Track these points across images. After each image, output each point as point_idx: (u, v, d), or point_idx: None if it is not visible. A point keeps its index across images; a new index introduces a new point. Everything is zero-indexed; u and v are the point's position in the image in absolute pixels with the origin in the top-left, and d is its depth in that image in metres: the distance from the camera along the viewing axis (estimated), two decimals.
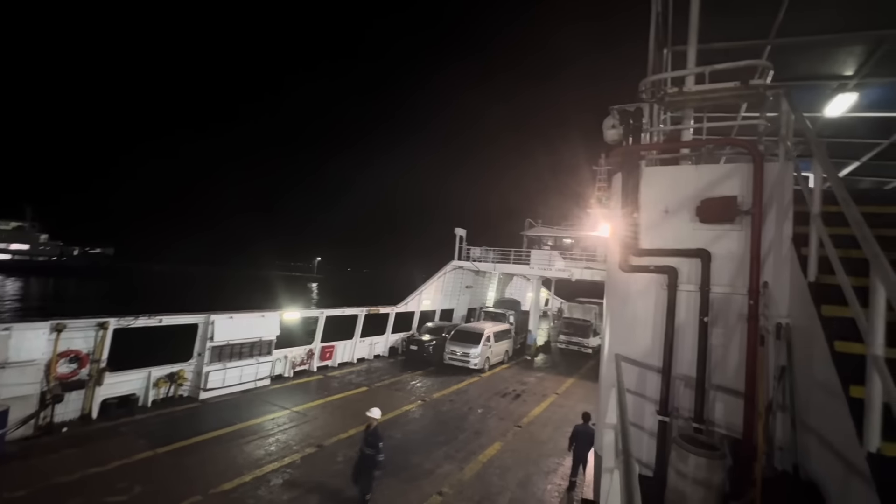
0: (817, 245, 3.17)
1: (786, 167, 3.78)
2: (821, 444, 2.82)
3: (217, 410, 11.87)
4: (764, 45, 6.35)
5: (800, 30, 6.00)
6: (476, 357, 18.88)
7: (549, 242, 28.82)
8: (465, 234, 25.24)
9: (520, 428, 12.68)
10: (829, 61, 6.70)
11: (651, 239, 4.18)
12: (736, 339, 3.76)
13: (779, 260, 3.70)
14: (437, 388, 16.12)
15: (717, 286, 3.86)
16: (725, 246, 3.87)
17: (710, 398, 3.82)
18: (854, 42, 6.10)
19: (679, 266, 4.00)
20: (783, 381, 3.40)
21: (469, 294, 28.01)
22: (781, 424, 3.37)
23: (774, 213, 3.75)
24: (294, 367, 15.97)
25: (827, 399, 2.76)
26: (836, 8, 5.52)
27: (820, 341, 2.90)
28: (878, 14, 5.50)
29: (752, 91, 4.09)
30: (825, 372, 2.79)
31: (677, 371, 3.95)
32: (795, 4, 5.47)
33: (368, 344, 19.85)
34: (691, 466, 3.22)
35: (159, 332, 12.12)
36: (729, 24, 5.96)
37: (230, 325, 13.24)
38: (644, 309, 4.17)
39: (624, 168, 4.32)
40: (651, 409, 4.03)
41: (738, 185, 3.88)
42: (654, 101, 4.48)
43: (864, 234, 2.40)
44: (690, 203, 4.03)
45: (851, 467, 2.36)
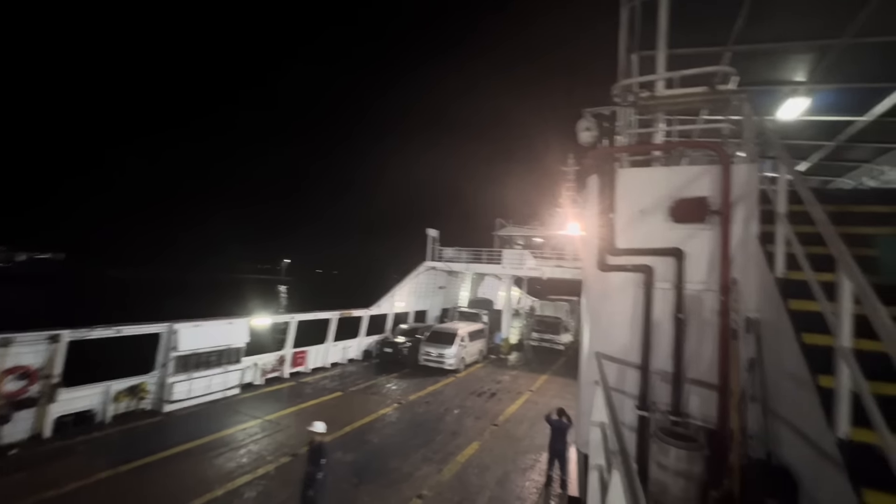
0: (784, 242, 3.34)
1: (751, 168, 3.97)
2: (792, 432, 2.97)
3: (183, 423, 11.34)
4: (724, 52, 6.67)
5: (756, 38, 6.35)
6: (451, 357, 18.89)
7: (520, 242, 29.24)
8: (437, 234, 25.24)
9: (496, 426, 12.77)
10: (783, 67, 7.11)
11: (627, 239, 4.29)
12: (709, 334, 3.92)
13: (747, 257, 3.88)
14: (413, 390, 16.02)
15: (690, 283, 4.01)
16: (697, 244, 4.03)
17: (686, 391, 3.96)
18: (805, 50, 6.51)
19: (654, 264, 4.13)
20: (753, 373, 3.57)
21: (442, 294, 28.03)
22: (753, 414, 3.53)
23: (742, 213, 3.94)
24: (265, 375, 15.48)
25: (796, 389, 2.91)
26: (788, 19, 5.87)
27: (788, 334, 3.06)
28: (824, 24, 5.88)
29: (719, 96, 4.28)
30: (794, 363, 2.94)
31: (655, 366, 4.08)
32: (752, 15, 5.78)
33: (342, 348, 19.50)
34: (672, 459, 3.33)
35: (119, 343, 11.47)
36: (693, 32, 6.23)
37: (196, 334, 12.68)
38: (622, 307, 4.28)
39: (599, 170, 4.42)
40: (631, 404, 4.14)
41: (708, 185, 4.04)
42: (628, 105, 4.61)
43: (829, 233, 2.54)
44: (664, 203, 4.17)
45: (822, 453, 2.50)
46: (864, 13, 5.53)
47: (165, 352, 12.16)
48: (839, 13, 5.65)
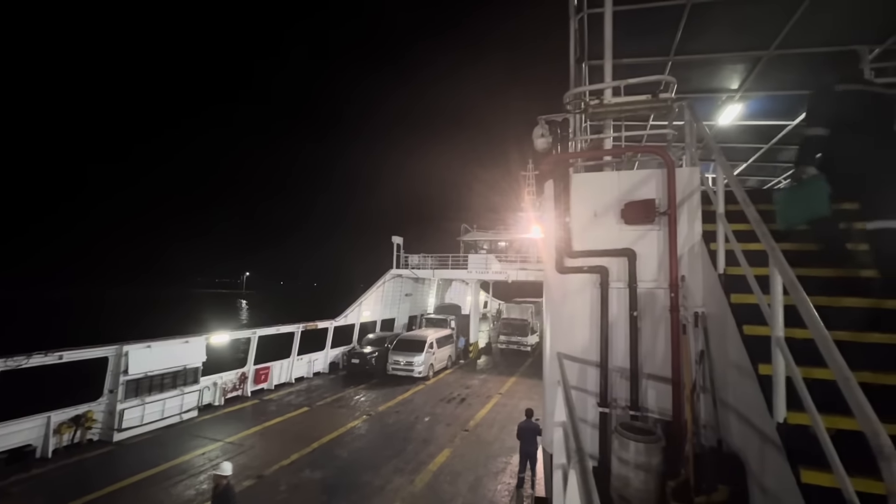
0: (724, 240, 3.56)
1: (693, 171, 4.22)
2: (738, 419, 3.16)
3: (136, 452, 10.65)
4: (666, 62, 7.07)
5: (694, 49, 6.78)
6: (420, 365, 18.79)
7: (485, 246, 29.57)
8: (402, 241, 25.12)
9: (467, 432, 12.79)
10: (719, 76, 7.62)
11: (583, 241, 4.44)
12: (661, 330, 4.10)
13: (693, 255, 4.10)
14: (382, 401, 15.80)
15: (642, 282, 4.19)
16: (648, 245, 4.22)
17: (643, 386, 4.12)
18: (736, 61, 7.01)
19: (609, 265, 4.29)
20: (703, 365, 3.77)
21: (409, 302, 27.88)
22: (704, 404, 3.72)
23: (686, 213, 4.17)
24: (225, 394, 14.82)
25: (740, 378, 3.10)
26: (721, 32, 6.31)
27: (731, 326, 3.26)
28: (753, 38, 6.37)
29: (662, 103, 4.52)
30: (737, 354, 3.13)
31: (613, 364, 4.22)
32: (688, 28, 6.17)
33: (307, 361, 18.98)
34: (632, 452, 3.45)
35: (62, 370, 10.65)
36: (638, 43, 6.57)
37: (148, 355, 11.97)
38: (581, 307, 4.42)
39: (555, 175, 4.56)
40: (592, 402, 4.26)
41: (655, 188, 4.25)
42: (578, 112, 4.79)
43: (762, 230, 2.73)
44: (616, 206, 4.35)
45: (765, 437, 2.66)
46: (786, 28, 6.03)
47: (114, 376, 11.40)
48: (765, 28, 6.13)
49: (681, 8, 5.79)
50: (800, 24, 5.93)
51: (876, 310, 3.09)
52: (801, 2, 5.55)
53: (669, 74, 7.20)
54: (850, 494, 1.81)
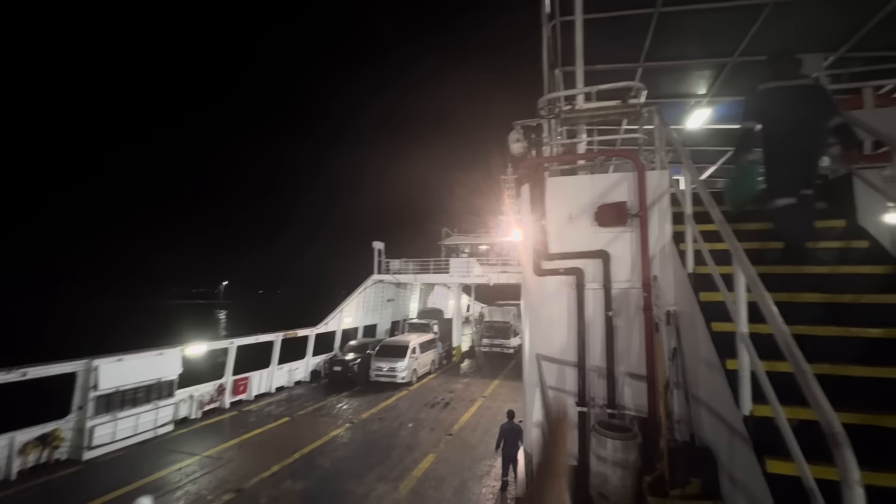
0: (692, 241, 3.69)
1: (663, 174, 4.35)
2: (709, 414, 3.26)
3: (108, 470, 10.25)
4: (637, 68, 7.29)
5: (662, 56, 7.01)
6: (403, 370, 18.69)
7: (466, 250, 29.69)
8: (382, 247, 25.01)
9: (451, 436, 12.77)
10: (687, 82, 7.89)
11: (559, 243, 4.52)
12: (636, 329, 4.21)
13: (664, 256, 4.23)
14: (365, 408, 15.64)
15: (617, 283, 4.29)
16: (621, 246, 4.33)
17: (619, 384, 4.21)
18: (703, 67, 7.27)
19: (584, 267, 4.38)
20: (675, 362, 3.88)
21: (392, 307, 27.73)
22: (678, 400, 3.83)
23: (657, 215, 4.29)
24: (202, 407, 14.41)
25: (710, 373, 3.20)
26: (688, 40, 6.55)
27: (700, 324, 3.37)
28: (718, 45, 6.63)
29: (632, 108, 4.66)
30: (706, 350, 3.24)
31: (591, 363, 4.30)
32: (657, 36, 6.39)
33: (287, 371, 18.64)
34: (609, 450, 3.52)
35: (25, 388, 10.18)
36: (609, 50, 6.76)
37: (119, 369, 11.56)
38: (558, 309, 4.49)
39: (530, 179, 4.64)
40: (571, 401, 4.32)
41: (627, 191, 4.37)
42: (552, 118, 4.89)
43: (726, 231, 2.84)
44: (589, 209, 4.44)
45: (733, 430, 2.76)
46: (748, 36, 6.31)
47: (83, 392, 10.97)
48: (729, 36, 6.39)
49: (649, 16, 5.98)
50: (760, 32, 6.20)
51: (833, 304, 3.25)
52: (761, 12, 5.82)
53: (640, 80, 7.44)
54: (809, 482, 1.90)
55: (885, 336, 2.93)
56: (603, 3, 5.84)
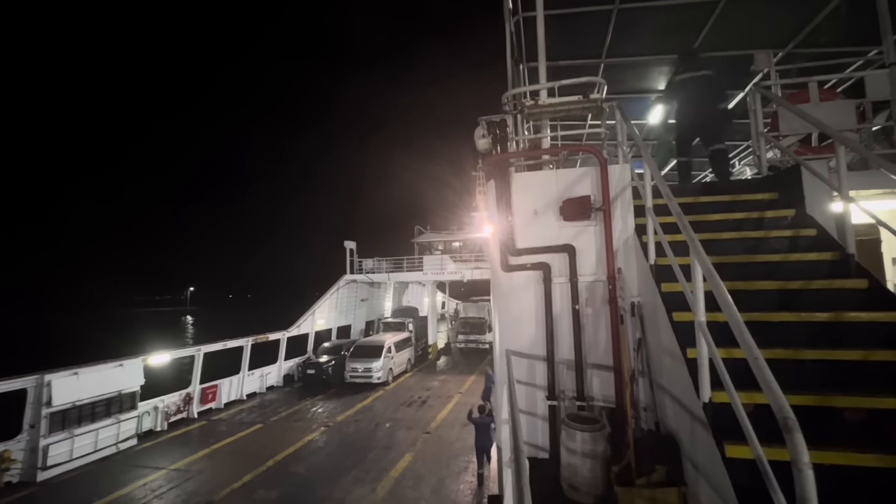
0: (653, 233, 3.76)
1: (624, 168, 4.42)
2: (672, 402, 3.34)
3: (66, 490, 9.71)
4: (599, 64, 7.40)
5: (623, 52, 7.15)
6: (379, 371, 18.52)
7: (440, 247, 29.66)
8: (355, 246, 24.66)
9: (428, 434, 12.76)
10: (647, 77, 8.08)
11: (525, 238, 4.53)
12: (602, 321, 4.27)
13: (627, 248, 4.30)
14: (341, 410, 15.42)
15: (583, 276, 4.34)
16: (586, 240, 4.38)
17: (588, 376, 4.27)
18: (662, 63, 7.46)
19: (551, 261, 4.41)
20: (640, 352, 3.96)
21: (366, 307, 27.41)
22: (643, 389, 3.91)
23: (620, 208, 4.36)
24: (168, 418, 13.85)
25: (672, 362, 3.28)
26: (647, 36, 6.70)
27: (662, 314, 3.44)
28: (675, 42, 6.80)
29: (593, 103, 4.71)
30: (668, 339, 3.31)
31: (560, 357, 4.34)
32: (616, 32, 6.51)
33: (259, 376, 18.14)
34: (578, 442, 3.55)
35: None
36: (571, 45, 6.83)
37: (75, 384, 10.93)
38: (526, 303, 4.50)
39: (496, 175, 4.62)
40: (542, 395, 4.35)
41: (590, 185, 4.42)
42: (516, 113, 4.90)
43: (683, 223, 2.90)
44: (555, 204, 4.47)
45: (694, 417, 2.83)
46: (703, 33, 6.50)
47: (35, 409, 10.32)
48: (685, 32, 6.57)
49: (608, 13, 6.08)
50: (713, 30, 6.41)
51: (785, 290, 3.38)
52: (714, 10, 6.01)
53: (602, 76, 7.56)
54: (763, 465, 1.95)
55: (832, 320, 3.07)
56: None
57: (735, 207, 4.35)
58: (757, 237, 3.99)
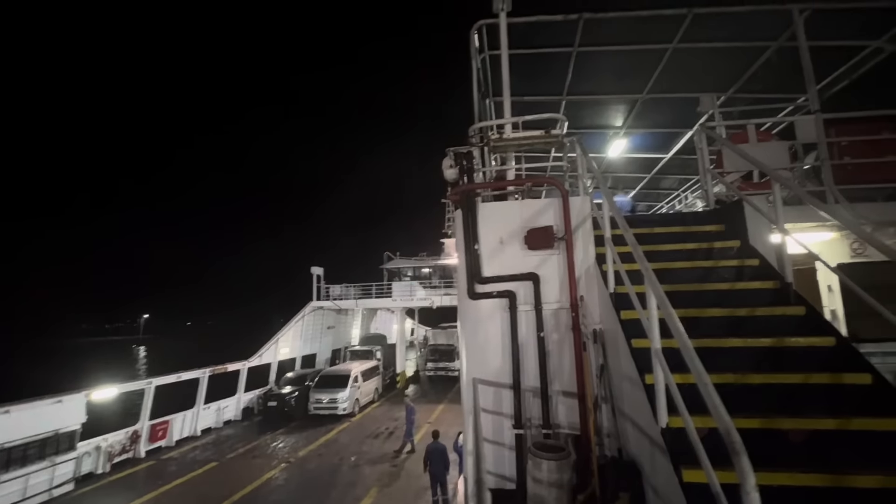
0: (612, 262, 3.92)
1: (584, 199, 4.64)
2: (633, 428, 3.41)
3: None
4: (561, 100, 7.82)
5: (583, 90, 7.60)
6: (344, 401, 17.89)
7: (409, 273, 29.54)
8: (322, 272, 24.17)
9: (395, 467, 12.33)
10: (606, 115, 8.59)
11: (492, 267, 4.62)
12: (566, 348, 4.35)
13: (589, 277, 4.46)
14: (303, 444, 14.72)
15: (547, 304, 4.44)
16: (549, 268, 4.51)
17: (553, 404, 4.30)
18: (618, 102, 7.98)
19: (516, 289, 4.50)
20: (603, 378, 4.04)
21: (332, 335, 26.68)
22: (606, 415, 3.98)
23: (581, 238, 4.54)
24: (112, 459, 12.76)
25: (632, 388, 3.37)
26: (604, 78, 7.17)
27: (622, 341, 3.55)
28: (630, 83, 7.31)
29: (554, 138, 4.96)
30: (628, 366, 3.42)
31: (526, 384, 4.36)
32: (576, 73, 6.93)
33: (215, 410, 17.13)
34: (544, 471, 3.55)
35: None
36: (534, 83, 7.21)
37: (4, 423, 9.95)
38: (493, 331, 4.54)
39: (463, 204, 4.73)
40: (508, 424, 4.34)
41: (553, 215, 4.59)
42: (482, 145, 5.08)
43: (637, 253, 3.05)
44: (519, 233, 4.61)
45: (653, 442, 2.90)
46: (654, 76, 7.02)
47: None
48: (638, 75, 7.09)
49: (568, 55, 6.49)
50: (664, 73, 6.94)
51: (733, 317, 3.58)
52: (663, 56, 6.52)
53: (564, 112, 7.99)
54: (715, 488, 2.02)
55: (775, 345, 3.27)
56: (526, 40, 6.25)
57: (687, 238, 4.61)
58: (707, 266, 4.24)
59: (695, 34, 6.07)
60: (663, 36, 6.16)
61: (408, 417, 13.63)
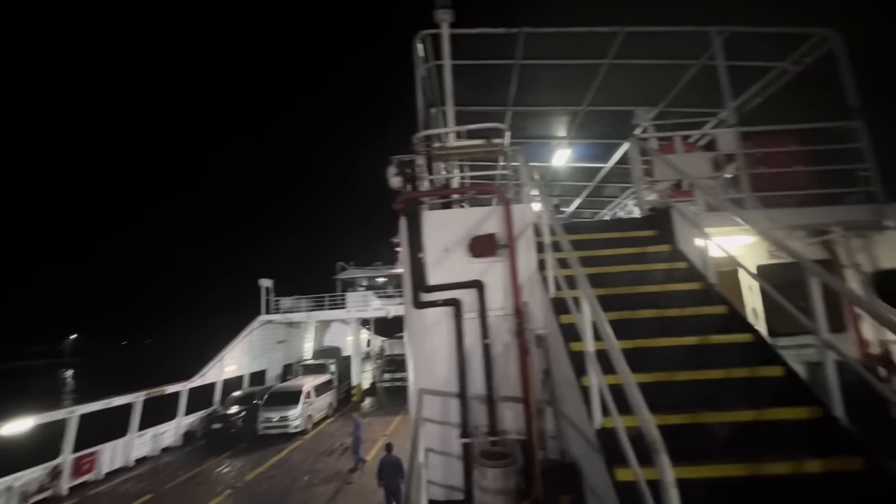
0: (552, 268, 4.02)
1: (526, 207, 4.74)
2: (573, 430, 3.49)
3: None
4: (506, 111, 8.02)
5: (528, 102, 7.83)
6: (296, 419, 17.13)
7: (364, 283, 29.02)
8: (271, 284, 23.18)
9: (350, 484, 11.93)
10: (550, 125, 8.90)
11: (437, 275, 4.60)
12: (511, 354, 4.40)
13: (532, 283, 4.54)
14: (252, 467, 13.92)
15: (492, 311, 4.48)
16: (494, 275, 4.56)
17: (500, 410, 4.33)
18: (561, 113, 8.29)
19: (462, 297, 4.51)
20: (546, 382, 4.12)
21: (283, 349, 25.58)
22: (550, 419, 4.04)
23: (524, 245, 4.63)
24: (27, 499, 11.43)
25: (570, 391, 3.44)
26: (546, 90, 7.43)
27: (561, 345, 3.63)
28: (571, 95, 7.62)
29: (495, 147, 5.05)
30: (567, 369, 3.49)
31: (472, 392, 4.36)
32: (520, 84, 7.13)
33: (151, 437, 15.84)
34: (490, 479, 3.53)
35: None
36: (480, 93, 7.35)
37: None
38: (439, 340, 4.51)
39: (408, 213, 4.69)
40: (456, 434, 4.30)
41: (496, 223, 4.66)
42: (425, 154, 5.08)
43: (572, 258, 3.14)
44: (464, 241, 4.63)
45: (590, 443, 2.97)
46: (592, 90, 7.36)
47: None
48: (578, 89, 7.40)
49: (510, 67, 6.66)
50: (601, 87, 7.30)
51: (664, 318, 3.76)
52: (599, 71, 6.86)
53: (510, 122, 8.19)
54: (641, 486, 2.08)
55: (700, 343, 3.47)
56: (472, 51, 6.36)
57: (624, 243, 4.83)
58: (641, 270, 4.44)
59: (628, 51, 6.44)
60: (599, 52, 6.48)
61: (354, 433, 13.22)
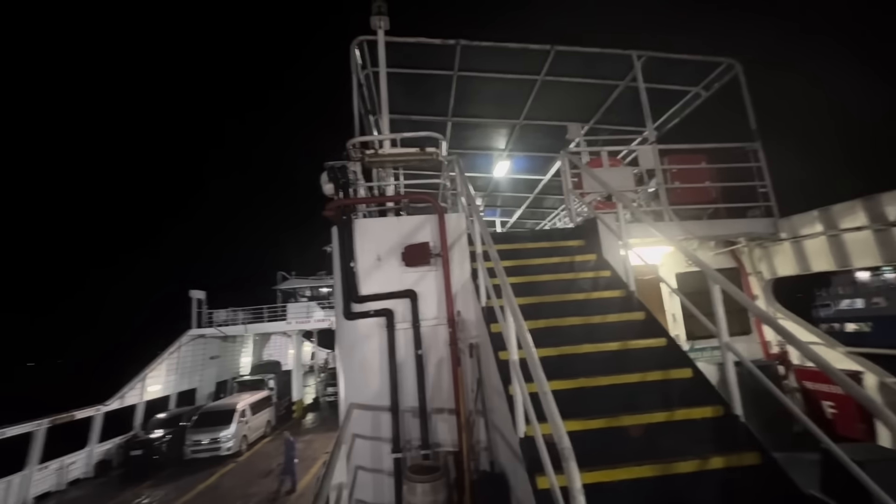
0: (483, 277, 4.04)
1: (460, 217, 4.76)
2: (501, 439, 3.49)
3: None
4: (447, 121, 8.09)
5: (467, 113, 7.96)
6: (229, 440, 16.00)
7: (307, 294, 27.96)
8: (204, 296, 21.67)
9: None
10: (490, 137, 9.09)
11: (369, 285, 4.48)
12: (444, 364, 4.36)
13: (465, 291, 4.55)
14: (176, 496, 12.78)
15: (425, 321, 4.43)
16: (427, 284, 4.52)
17: (433, 423, 4.25)
18: (499, 126, 8.50)
19: (395, 307, 4.41)
20: (479, 392, 4.11)
21: (217, 365, 23.91)
22: (482, 429, 4.03)
23: (458, 254, 4.63)
24: None
25: (499, 400, 3.45)
26: (484, 101, 7.60)
27: (491, 354, 3.64)
28: (507, 109, 7.84)
29: (429, 156, 5.05)
30: (496, 378, 3.50)
31: (405, 405, 4.26)
32: (459, 95, 7.24)
33: (56, 469, 14.10)
34: (419, 495, 3.45)
35: None
36: (419, 102, 7.36)
37: None
38: (370, 352, 4.38)
39: (338, 221, 4.54)
40: (387, 449, 4.17)
41: (430, 232, 4.63)
42: (357, 160, 4.97)
43: (498, 268, 3.16)
44: (397, 250, 4.56)
45: (514, 453, 2.97)
46: (527, 105, 7.62)
47: None
48: (514, 103, 7.63)
49: (449, 77, 6.73)
50: (536, 102, 7.57)
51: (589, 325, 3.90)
52: (534, 86, 7.11)
53: (451, 133, 8.26)
54: (555, 493, 2.09)
55: (621, 348, 3.61)
56: (411, 59, 6.36)
57: (554, 252, 4.97)
58: (569, 278, 4.58)
59: (558, 69, 6.74)
60: (533, 68, 6.73)
61: (287, 453, 12.55)
